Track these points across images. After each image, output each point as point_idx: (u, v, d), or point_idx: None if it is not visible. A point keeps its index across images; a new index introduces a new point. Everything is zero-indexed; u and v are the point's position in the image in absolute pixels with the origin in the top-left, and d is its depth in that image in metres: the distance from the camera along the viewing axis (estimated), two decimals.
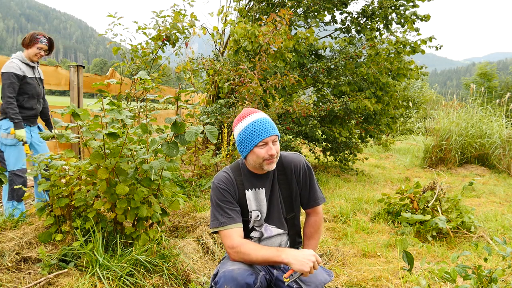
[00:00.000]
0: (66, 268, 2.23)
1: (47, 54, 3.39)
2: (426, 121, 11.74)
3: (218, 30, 6.37)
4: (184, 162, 5.23)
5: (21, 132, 3.09)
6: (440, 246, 3.17)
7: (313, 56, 6.61)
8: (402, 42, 6.26)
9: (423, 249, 3.05)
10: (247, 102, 4.48)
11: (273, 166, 1.74)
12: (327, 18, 7.16)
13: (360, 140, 7.14)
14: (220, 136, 5.57)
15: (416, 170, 7.76)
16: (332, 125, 6.43)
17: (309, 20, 7.02)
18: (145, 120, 2.49)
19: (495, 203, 4.97)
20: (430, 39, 6.40)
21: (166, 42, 5.18)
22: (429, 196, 3.65)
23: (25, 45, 3.27)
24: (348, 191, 5.05)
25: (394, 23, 6.90)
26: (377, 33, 6.96)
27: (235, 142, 3.68)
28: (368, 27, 6.86)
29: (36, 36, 3.25)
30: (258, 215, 1.80)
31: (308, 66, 6.22)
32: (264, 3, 6.77)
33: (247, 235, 1.82)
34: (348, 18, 7.14)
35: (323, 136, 6.59)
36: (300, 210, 1.92)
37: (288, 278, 1.53)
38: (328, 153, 6.86)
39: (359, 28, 6.96)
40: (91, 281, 2.06)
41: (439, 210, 3.55)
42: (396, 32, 6.89)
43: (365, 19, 6.98)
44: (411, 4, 6.64)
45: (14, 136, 3.09)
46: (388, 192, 4.87)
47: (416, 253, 3.02)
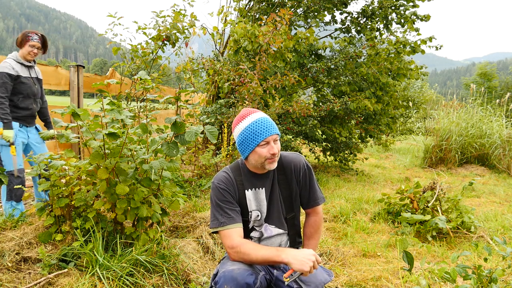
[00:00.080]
0: (66, 268, 2.23)
1: (43, 52, 3.36)
2: (426, 121, 11.73)
3: (218, 30, 6.37)
4: (184, 162, 5.23)
5: (8, 133, 3.03)
6: (440, 246, 3.17)
7: (313, 56, 6.61)
8: (402, 42, 6.26)
9: (423, 249, 3.04)
10: (247, 102, 4.48)
11: (274, 165, 1.74)
12: (327, 18, 7.17)
13: (360, 140, 7.14)
14: (220, 136, 5.57)
15: (416, 170, 7.76)
16: (332, 125, 6.44)
17: (309, 20, 7.02)
18: (145, 120, 2.49)
19: (495, 203, 4.97)
20: (430, 39, 6.41)
21: (166, 42, 5.18)
22: (429, 196, 3.65)
23: (18, 44, 3.26)
24: (348, 191, 5.04)
25: (394, 23, 6.90)
26: (377, 33, 6.96)
27: (235, 142, 3.68)
28: (368, 27, 6.86)
29: (28, 34, 3.24)
30: (258, 215, 1.80)
31: (308, 66, 6.22)
32: (264, 3, 6.77)
33: (247, 235, 1.82)
34: (348, 18, 7.14)
35: (323, 136, 6.59)
36: (300, 210, 1.92)
37: (288, 278, 1.53)
38: (328, 153, 6.86)
39: (359, 28, 6.96)
40: (91, 281, 2.06)
41: (439, 210, 3.55)
42: (396, 32, 6.89)
43: (365, 19, 6.98)
44: (411, 4, 6.65)
45: (1, 136, 3.04)
46: (388, 192, 4.87)
47: (416, 253, 3.02)
